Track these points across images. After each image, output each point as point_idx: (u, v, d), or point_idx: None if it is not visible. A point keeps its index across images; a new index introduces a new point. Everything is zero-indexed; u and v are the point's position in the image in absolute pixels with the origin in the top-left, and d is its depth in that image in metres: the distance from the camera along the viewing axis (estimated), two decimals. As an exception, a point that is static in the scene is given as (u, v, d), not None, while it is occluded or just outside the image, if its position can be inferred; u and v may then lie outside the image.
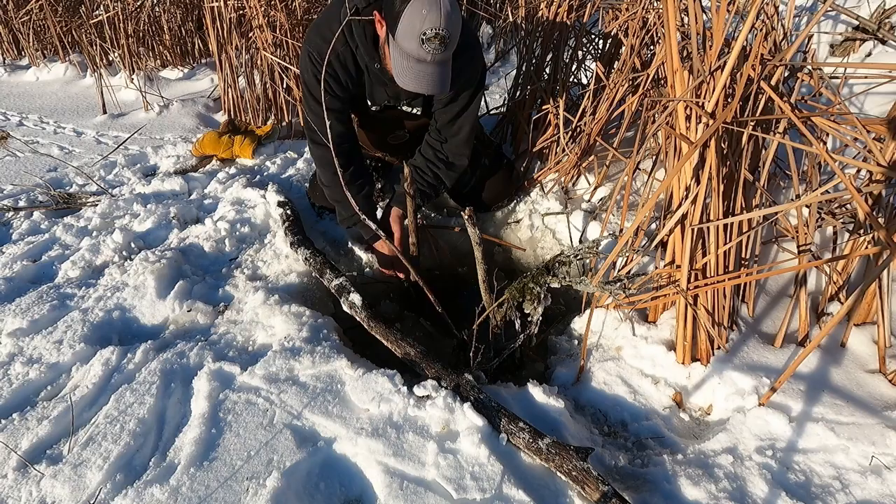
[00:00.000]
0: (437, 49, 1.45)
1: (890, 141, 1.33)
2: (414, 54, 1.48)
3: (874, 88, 2.05)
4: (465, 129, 1.86)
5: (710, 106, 1.33)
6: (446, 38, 1.44)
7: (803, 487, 1.20)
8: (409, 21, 1.44)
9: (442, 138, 1.91)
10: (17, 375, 1.53)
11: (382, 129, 2.12)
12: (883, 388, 1.39)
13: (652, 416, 1.42)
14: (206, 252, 2.06)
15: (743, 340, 1.50)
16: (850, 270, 1.55)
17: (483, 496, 1.15)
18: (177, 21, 4.21)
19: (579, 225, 2.12)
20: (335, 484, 1.23)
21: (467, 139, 1.89)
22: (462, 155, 1.93)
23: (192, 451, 1.27)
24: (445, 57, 1.49)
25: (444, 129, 1.89)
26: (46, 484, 1.23)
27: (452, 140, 1.90)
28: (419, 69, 1.50)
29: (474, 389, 1.35)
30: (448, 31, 1.43)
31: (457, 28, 1.47)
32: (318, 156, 1.93)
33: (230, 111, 3.44)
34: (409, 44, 1.46)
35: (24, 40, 4.56)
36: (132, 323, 1.75)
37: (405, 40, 1.47)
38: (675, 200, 1.44)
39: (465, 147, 1.91)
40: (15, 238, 2.23)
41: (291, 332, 1.61)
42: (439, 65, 1.50)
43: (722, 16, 1.30)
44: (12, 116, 3.62)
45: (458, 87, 1.75)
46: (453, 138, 1.89)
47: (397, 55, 1.52)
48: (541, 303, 1.52)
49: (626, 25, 2.06)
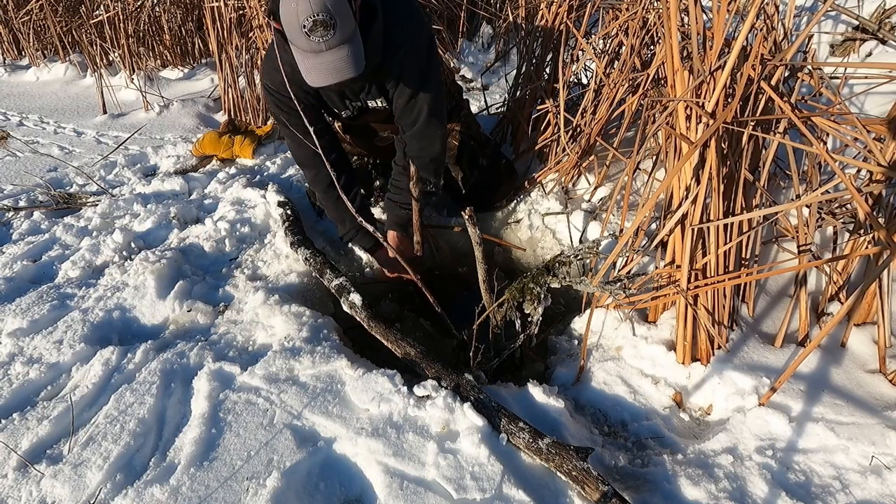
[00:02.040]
0: (325, 35, 1.36)
1: (890, 141, 1.33)
2: (307, 49, 1.40)
3: (874, 88, 2.05)
4: (423, 111, 1.73)
5: (710, 106, 1.33)
6: (328, 20, 1.34)
7: (803, 487, 1.20)
8: (287, 19, 1.37)
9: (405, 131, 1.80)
10: (17, 375, 1.53)
11: (366, 134, 2.11)
12: (883, 388, 1.39)
13: (652, 416, 1.42)
14: (206, 252, 2.06)
15: (743, 340, 1.50)
16: (850, 270, 1.55)
17: (483, 496, 1.15)
18: (177, 21, 4.22)
19: (579, 225, 2.12)
20: (335, 484, 1.23)
21: (428, 121, 1.75)
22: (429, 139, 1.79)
23: (192, 451, 1.27)
24: (340, 39, 1.39)
25: (403, 116, 1.77)
26: (46, 484, 1.23)
27: (414, 129, 1.76)
28: (319, 62, 1.41)
29: (474, 389, 1.35)
30: (327, 12, 1.33)
31: (338, 2, 1.35)
32: (310, 177, 1.94)
33: (230, 111, 3.45)
34: (299, 41, 1.39)
35: (24, 40, 4.56)
36: (132, 323, 1.75)
37: (294, 38, 1.40)
38: (675, 200, 1.44)
39: (428, 131, 1.76)
40: (15, 238, 2.23)
41: (291, 332, 1.61)
42: (338, 49, 1.40)
43: (722, 16, 1.30)
44: (12, 116, 3.63)
45: (402, 63, 1.66)
46: (413, 126, 1.76)
47: (297, 55, 1.45)
48: (541, 303, 1.52)
49: (626, 25, 2.06)
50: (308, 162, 1.87)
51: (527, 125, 2.46)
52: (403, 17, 1.62)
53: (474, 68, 4.23)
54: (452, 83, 2.20)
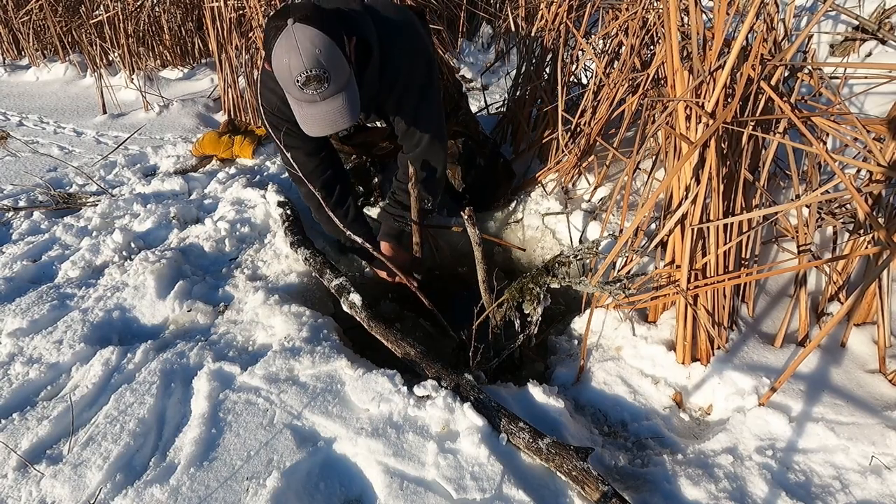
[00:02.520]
0: (319, 88, 1.34)
1: (890, 141, 1.33)
2: (302, 99, 1.39)
3: (874, 88, 2.05)
4: (425, 138, 1.74)
5: (710, 106, 1.33)
6: (321, 74, 1.33)
7: (803, 487, 1.20)
8: (280, 74, 1.36)
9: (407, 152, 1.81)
10: (17, 375, 1.53)
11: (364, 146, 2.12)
12: (883, 388, 1.39)
13: (652, 416, 1.42)
14: (206, 252, 2.06)
15: (743, 340, 1.50)
16: (850, 270, 1.55)
17: (483, 496, 1.15)
18: (177, 21, 4.21)
19: (579, 225, 2.12)
20: (335, 484, 1.23)
21: (430, 146, 1.76)
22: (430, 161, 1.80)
23: (192, 451, 1.27)
24: (335, 90, 1.38)
25: (405, 139, 1.78)
26: (46, 484, 1.23)
27: (416, 151, 1.77)
28: (314, 112, 1.41)
29: (474, 389, 1.35)
30: (320, 67, 1.32)
31: (330, 56, 1.33)
32: (303, 193, 1.96)
33: (230, 111, 3.45)
34: (293, 91, 1.38)
35: (24, 40, 4.56)
36: (132, 323, 1.75)
37: (288, 89, 1.39)
38: (675, 200, 1.44)
39: (429, 154, 1.78)
40: (15, 238, 2.23)
41: (291, 332, 1.61)
42: (332, 99, 1.39)
43: (722, 16, 1.30)
44: (12, 116, 3.62)
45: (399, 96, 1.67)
46: (416, 149, 1.77)
47: (292, 103, 1.45)
48: (540, 303, 1.52)
49: (626, 25, 2.06)
50: (300, 182, 1.87)
51: (527, 125, 2.46)
52: (401, 51, 1.61)
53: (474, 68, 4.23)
54: (453, 82, 2.20)
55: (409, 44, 1.66)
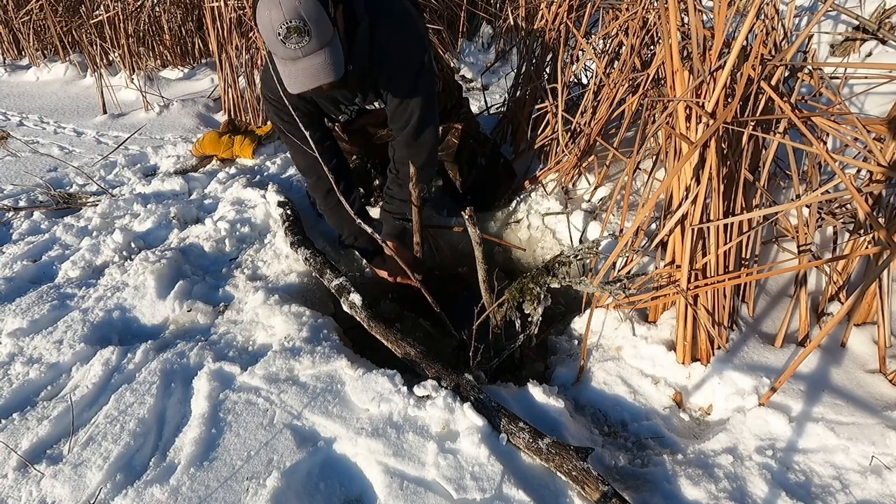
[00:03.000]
0: (300, 42, 1.35)
1: (890, 141, 1.33)
2: (285, 56, 1.40)
3: (874, 88, 2.05)
4: (413, 119, 1.72)
5: (710, 106, 1.33)
6: (302, 26, 1.34)
7: (803, 487, 1.20)
8: (262, 29, 1.37)
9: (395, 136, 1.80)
10: (17, 375, 1.53)
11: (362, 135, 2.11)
12: (883, 388, 1.39)
13: (652, 416, 1.42)
14: (206, 252, 2.06)
15: (743, 340, 1.50)
16: (850, 270, 1.55)
17: (483, 496, 1.15)
18: (177, 21, 4.22)
19: (579, 225, 2.12)
20: (335, 484, 1.23)
21: (417, 128, 1.74)
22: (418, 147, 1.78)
23: (192, 451, 1.27)
24: (317, 45, 1.38)
25: (395, 119, 1.76)
26: (46, 484, 1.23)
27: (404, 134, 1.76)
28: (297, 68, 1.41)
29: (474, 389, 1.35)
30: (300, 18, 1.33)
31: (310, 8, 1.34)
32: (309, 184, 1.96)
33: (230, 111, 3.45)
34: (276, 48, 1.39)
35: (24, 40, 4.56)
36: (132, 323, 1.75)
37: (272, 47, 1.40)
38: (675, 200, 1.44)
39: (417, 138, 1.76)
40: (15, 238, 2.23)
41: (291, 332, 1.61)
42: (315, 55, 1.40)
43: (722, 16, 1.30)
44: (12, 116, 3.63)
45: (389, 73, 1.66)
46: (403, 131, 1.75)
47: (278, 64, 1.45)
48: (541, 303, 1.52)
49: (626, 25, 2.06)
50: (308, 169, 1.89)
51: (527, 125, 2.46)
52: (391, 28, 1.61)
53: (474, 68, 4.23)
54: (453, 82, 2.20)
55: (402, 23, 1.67)
